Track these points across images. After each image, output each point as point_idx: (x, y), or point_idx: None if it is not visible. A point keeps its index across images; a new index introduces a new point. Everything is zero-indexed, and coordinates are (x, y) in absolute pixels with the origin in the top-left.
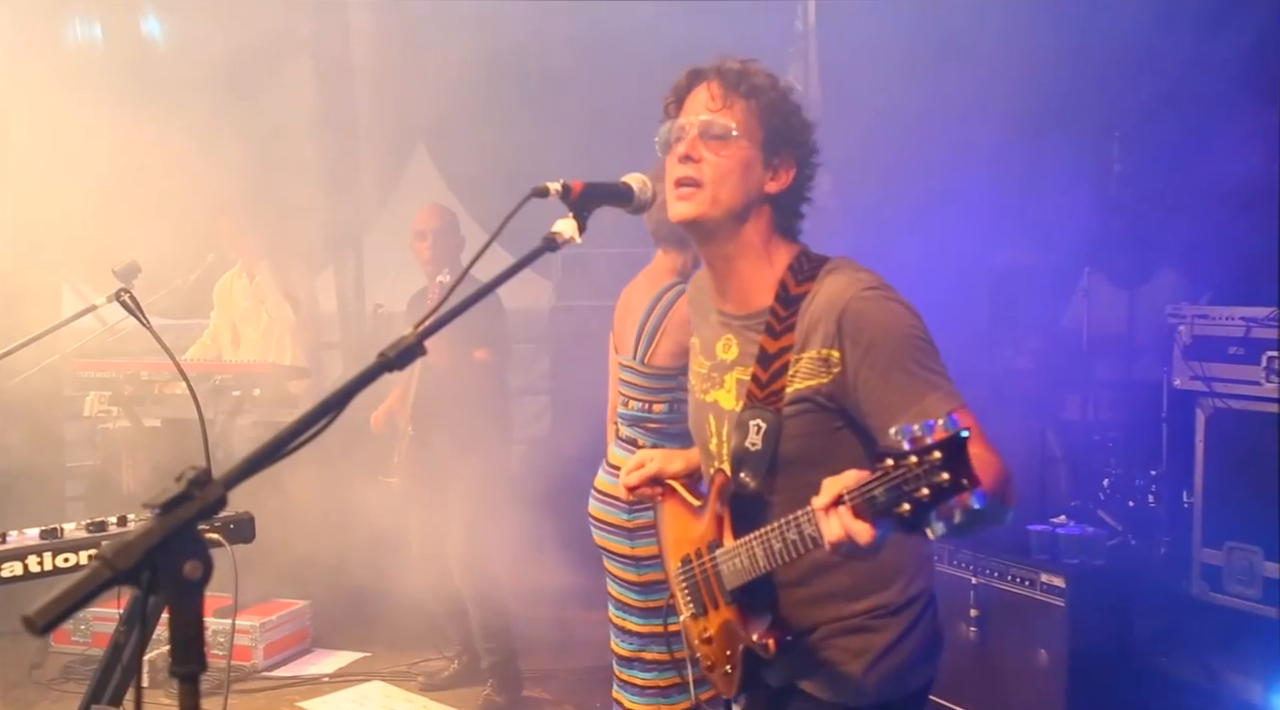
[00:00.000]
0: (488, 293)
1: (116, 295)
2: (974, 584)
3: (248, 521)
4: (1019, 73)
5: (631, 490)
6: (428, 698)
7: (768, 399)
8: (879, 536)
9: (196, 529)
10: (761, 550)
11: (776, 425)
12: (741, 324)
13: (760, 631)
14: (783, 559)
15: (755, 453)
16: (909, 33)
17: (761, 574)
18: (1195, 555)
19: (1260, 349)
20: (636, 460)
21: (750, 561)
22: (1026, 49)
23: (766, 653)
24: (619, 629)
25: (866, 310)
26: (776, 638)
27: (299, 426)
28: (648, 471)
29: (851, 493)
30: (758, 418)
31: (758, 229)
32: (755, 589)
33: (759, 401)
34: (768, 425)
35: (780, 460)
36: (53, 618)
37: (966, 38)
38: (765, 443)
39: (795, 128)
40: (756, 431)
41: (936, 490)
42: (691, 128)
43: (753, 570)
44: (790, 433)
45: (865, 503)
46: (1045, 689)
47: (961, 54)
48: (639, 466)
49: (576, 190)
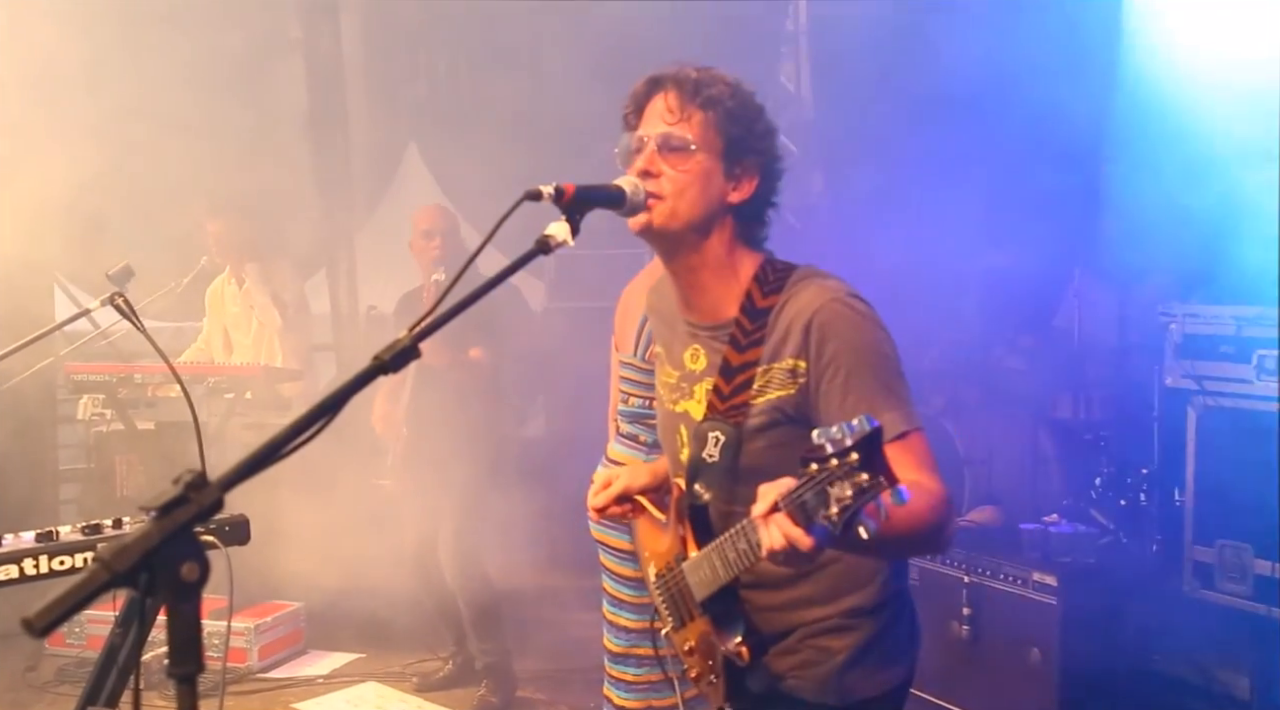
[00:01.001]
0: (481, 295)
1: (110, 299)
2: (966, 582)
3: (242, 524)
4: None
5: (600, 512)
6: (422, 698)
7: (728, 412)
8: (818, 543)
9: (193, 531)
10: (719, 560)
11: (736, 438)
12: (709, 334)
13: (734, 641)
14: (738, 568)
15: (712, 464)
16: (899, 31)
17: (725, 584)
18: (1187, 553)
19: (1251, 347)
20: (602, 480)
21: (712, 572)
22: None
23: (741, 661)
24: (612, 625)
25: (831, 322)
26: (750, 645)
27: (295, 429)
28: (614, 490)
29: (784, 499)
30: (717, 429)
31: (721, 240)
32: (723, 599)
33: (719, 414)
34: (726, 438)
35: (743, 472)
36: (52, 620)
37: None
38: (723, 455)
39: (756, 135)
40: (715, 443)
41: (857, 490)
42: (650, 141)
43: (715, 581)
44: (757, 445)
45: (797, 508)
46: (1037, 687)
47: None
48: (605, 486)
49: (569, 193)
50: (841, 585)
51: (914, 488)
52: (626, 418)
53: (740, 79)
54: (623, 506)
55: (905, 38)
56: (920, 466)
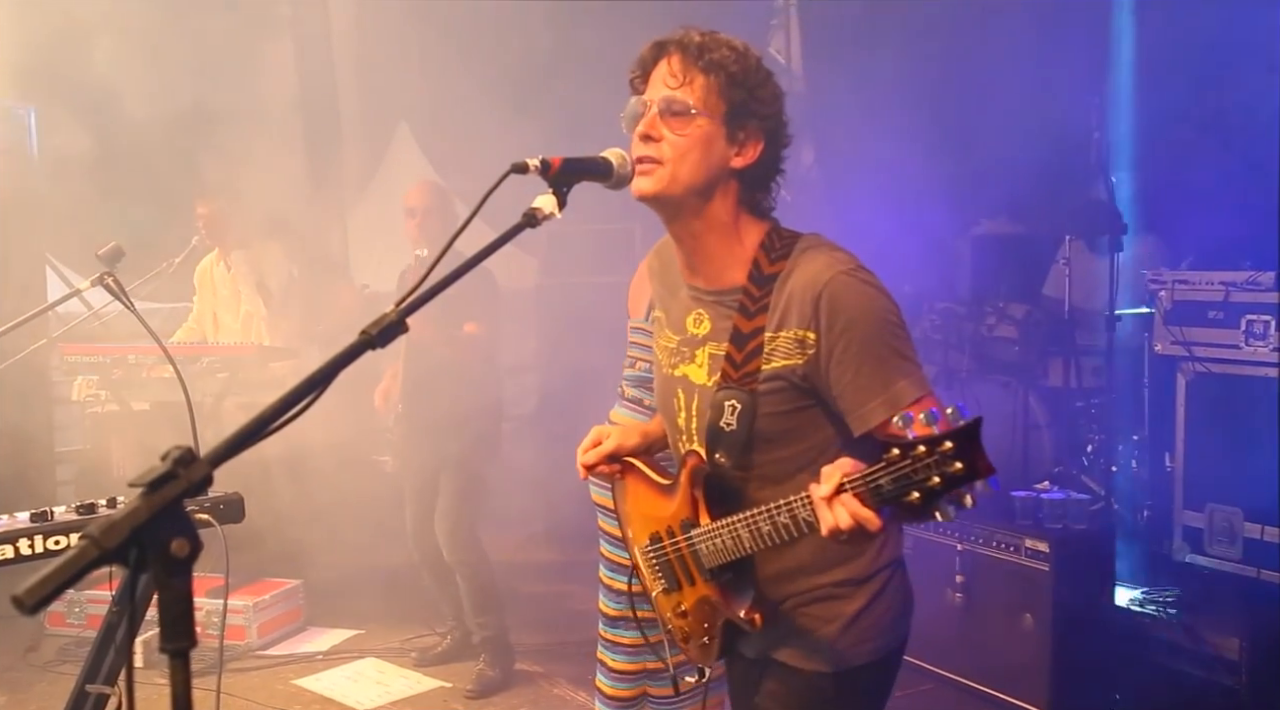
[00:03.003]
0: (468, 270)
1: (100, 279)
2: (959, 550)
3: (237, 502)
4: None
5: (589, 468)
6: (421, 673)
7: (742, 379)
8: (887, 524)
9: (183, 507)
10: (748, 532)
11: (752, 406)
12: (713, 299)
13: (745, 608)
14: (770, 542)
15: (730, 433)
16: (890, 5)
17: (747, 554)
18: (1177, 518)
19: (1239, 313)
20: (592, 437)
21: (734, 542)
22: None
23: (753, 627)
24: (608, 589)
25: (843, 294)
26: (763, 612)
27: (283, 405)
28: (605, 449)
29: (854, 481)
30: (733, 398)
31: (725, 205)
32: (736, 567)
33: (733, 382)
34: (743, 406)
35: (756, 439)
36: (41, 597)
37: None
38: (740, 423)
39: (761, 101)
40: (731, 412)
41: (950, 479)
42: (652, 105)
43: (735, 551)
44: (764, 411)
45: (870, 491)
46: (1030, 652)
47: (944, 25)
48: (595, 443)
49: (555, 166)
50: (837, 554)
51: None
52: (631, 382)
53: (748, 44)
54: (611, 466)
55: (895, 9)
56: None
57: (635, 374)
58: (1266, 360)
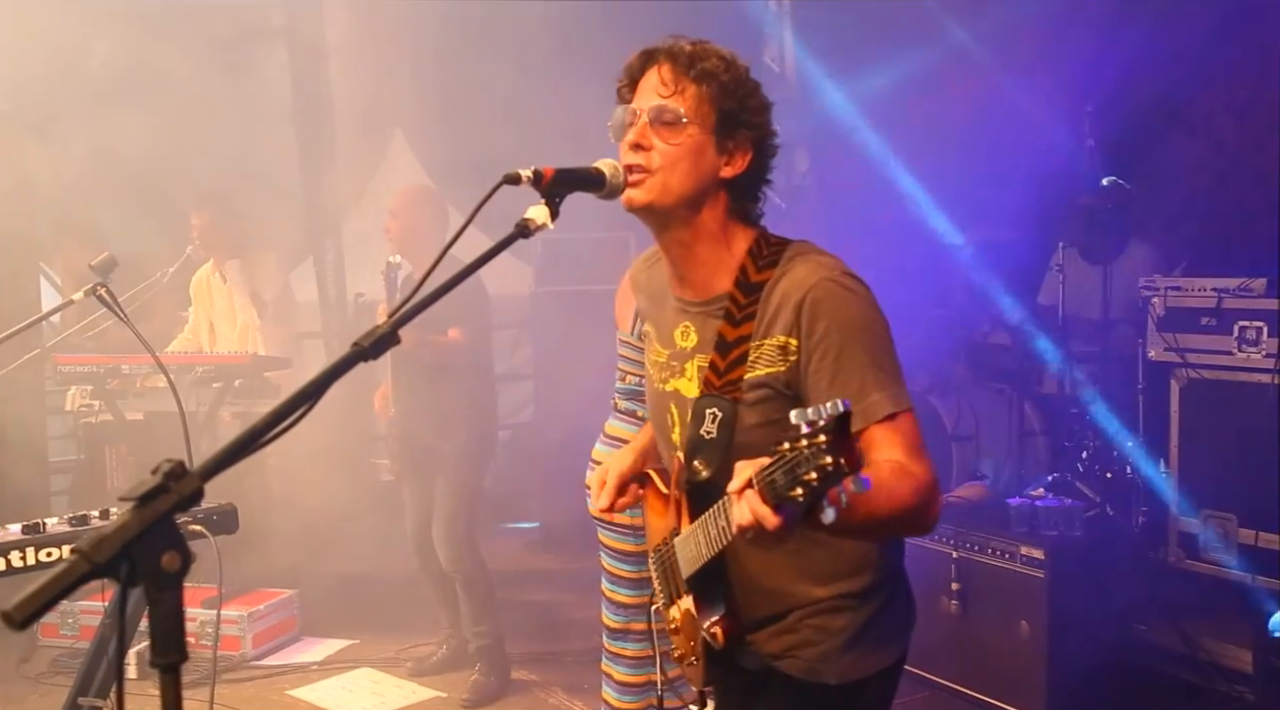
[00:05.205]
0: (462, 280)
1: (93, 289)
2: (955, 558)
3: (230, 513)
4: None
5: (609, 511)
6: (417, 683)
7: (724, 388)
8: (786, 523)
9: (174, 520)
10: (703, 536)
11: (732, 414)
12: (700, 310)
13: (711, 621)
14: (718, 545)
15: (710, 441)
16: (882, 12)
17: (708, 561)
18: (1172, 524)
19: (1232, 319)
20: (596, 481)
21: (697, 549)
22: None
23: (716, 642)
24: (610, 601)
25: (824, 300)
26: (726, 628)
27: (275, 417)
28: (610, 486)
29: (758, 476)
30: (714, 406)
31: (714, 215)
32: (706, 576)
33: (716, 390)
34: (723, 414)
35: (738, 448)
36: (31, 612)
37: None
38: (720, 431)
39: (751, 110)
40: (712, 420)
41: (822, 473)
42: (642, 114)
43: (699, 557)
44: (748, 420)
45: (767, 487)
46: (1026, 659)
47: (937, 32)
48: (601, 485)
49: (548, 176)
50: (840, 566)
51: (896, 471)
52: (623, 395)
53: (735, 54)
54: (626, 495)
55: (888, 17)
56: (907, 448)
57: (625, 387)
58: (1260, 366)
